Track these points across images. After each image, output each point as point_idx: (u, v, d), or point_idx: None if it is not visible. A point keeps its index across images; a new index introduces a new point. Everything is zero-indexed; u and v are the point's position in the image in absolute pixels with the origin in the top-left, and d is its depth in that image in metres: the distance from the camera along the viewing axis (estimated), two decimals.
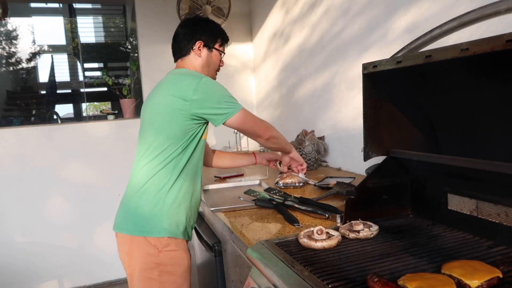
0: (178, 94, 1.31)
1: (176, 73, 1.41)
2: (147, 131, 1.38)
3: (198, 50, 1.46)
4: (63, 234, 2.95)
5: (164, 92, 1.35)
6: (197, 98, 1.30)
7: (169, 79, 1.39)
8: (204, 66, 1.48)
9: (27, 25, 8.53)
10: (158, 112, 1.35)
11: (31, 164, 2.86)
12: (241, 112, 1.35)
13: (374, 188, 1.19)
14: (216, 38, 1.49)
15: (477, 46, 0.80)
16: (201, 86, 1.30)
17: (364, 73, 1.15)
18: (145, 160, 1.37)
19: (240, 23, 3.33)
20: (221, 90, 1.36)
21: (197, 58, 1.47)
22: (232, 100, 1.36)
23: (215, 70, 1.53)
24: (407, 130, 1.22)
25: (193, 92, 1.29)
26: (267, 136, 1.44)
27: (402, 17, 1.62)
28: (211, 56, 1.49)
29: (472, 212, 1.01)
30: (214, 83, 1.36)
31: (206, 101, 1.31)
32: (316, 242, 0.98)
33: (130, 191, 1.39)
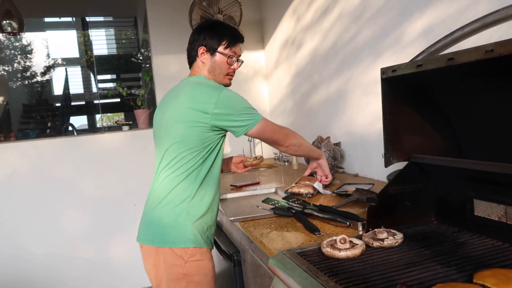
0: (199, 108, 1.30)
1: (192, 82, 1.40)
2: (166, 142, 1.38)
3: (202, 55, 1.44)
4: (80, 246, 2.97)
5: (183, 105, 1.34)
6: (218, 112, 1.30)
7: (187, 90, 1.37)
8: (210, 71, 1.45)
9: (41, 39, 8.72)
10: (178, 124, 1.34)
11: (48, 176, 2.89)
12: (261, 122, 1.36)
13: (396, 195, 1.16)
14: (219, 41, 1.43)
15: (503, 47, 0.77)
16: (222, 99, 1.30)
17: (382, 77, 1.14)
18: (166, 172, 1.37)
19: (252, 31, 3.34)
20: (241, 102, 1.35)
21: (203, 64, 1.45)
22: (252, 112, 1.36)
23: (223, 75, 1.47)
24: (428, 134, 1.20)
25: (214, 106, 1.29)
26: (287, 144, 1.43)
27: (417, 20, 1.59)
28: (215, 60, 1.44)
29: (501, 218, 0.98)
30: (234, 96, 1.35)
31: (227, 114, 1.31)
32: (340, 251, 0.96)
33: (153, 203, 1.39)
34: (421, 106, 1.18)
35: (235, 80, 3.44)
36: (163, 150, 1.39)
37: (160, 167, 1.40)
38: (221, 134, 1.38)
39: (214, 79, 1.45)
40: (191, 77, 1.46)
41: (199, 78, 1.43)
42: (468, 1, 1.36)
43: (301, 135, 1.51)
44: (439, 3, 1.49)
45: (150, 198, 1.41)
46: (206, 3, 2.85)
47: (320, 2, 2.36)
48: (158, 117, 1.46)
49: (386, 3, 1.78)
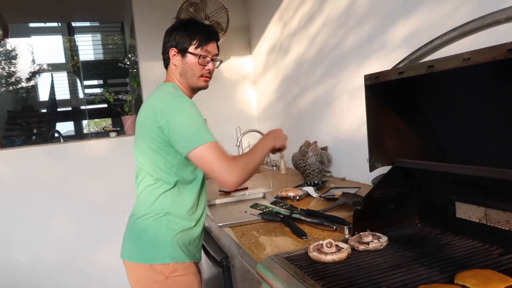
0: (152, 120, 1.24)
1: (157, 90, 1.33)
2: (141, 153, 1.32)
3: (173, 58, 1.35)
4: (69, 254, 2.94)
5: (146, 118, 1.28)
6: (162, 126, 1.21)
7: (150, 99, 1.32)
8: (182, 74, 1.35)
9: (26, 45, 8.62)
10: (147, 137, 1.28)
11: (34, 184, 2.86)
12: (202, 147, 1.17)
13: (381, 198, 1.19)
14: (190, 40, 1.32)
15: (479, 55, 0.80)
16: (167, 111, 1.21)
17: (366, 84, 1.16)
18: (144, 184, 1.33)
19: (239, 37, 3.36)
20: (187, 117, 1.20)
21: (175, 67, 1.36)
22: (199, 132, 1.19)
23: (196, 77, 1.35)
24: (412, 139, 1.23)
25: (160, 118, 1.21)
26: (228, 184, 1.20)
27: (400, 27, 1.63)
28: (186, 62, 1.33)
29: (481, 219, 1.01)
30: (181, 108, 1.21)
31: (170, 128, 1.20)
32: (326, 255, 0.97)
33: (133, 216, 1.37)
34: (404, 111, 1.21)
35: (223, 86, 3.43)
36: (139, 160, 1.34)
37: (138, 179, 1.36)
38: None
39: (187, 82, 1.36)
40: (163, 84, 1.37)
41: (166, 86, 1.32)
42: (448, 9, 1.41)
43: (289, 139, 1.44)
44: (421, 10, 1.53)
45: (132, 211, 1.39)
46: (193, 9, 2.87)
47: (306, 8, 2.39)
48: (136, 125, 1.40)
49: (370, 10, 1.82)
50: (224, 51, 3.26)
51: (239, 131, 3.17)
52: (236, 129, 3.21)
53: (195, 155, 1.18)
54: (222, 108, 3.33)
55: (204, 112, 3.50)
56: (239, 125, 3.26)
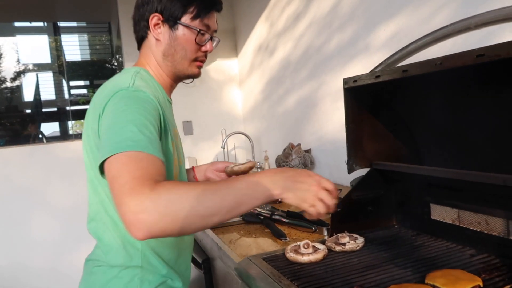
0: (92, 126, 0.88)
1: (116, 76, 0.96)
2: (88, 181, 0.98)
3: (155, 28, 0.95)
4: (50, 257, 2.90)
5: (88, 121, 0.92)
6: (97, 130, 0.86)
7: (96, 94, 0.93)
8: (167, 54, 0.96)
9: (11, 44, 8.48)
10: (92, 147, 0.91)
11: (15, 185, 2.81)
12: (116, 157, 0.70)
13: (359, 200, 1.20)
14: (185, 6, 0.94)
15: (450, 61, 0.83)
16: (109, 104, 0.82)
17: (345, 87, 1.18)
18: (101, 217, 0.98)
19: (225, 40, 3.36)
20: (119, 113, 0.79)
21: (157, 44, 0.97)
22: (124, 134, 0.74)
23: (188, 60, 0.98)
24: (390, 142, 1.25)
25: (101, 116, 0.84)
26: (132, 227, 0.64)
27: (381, 32, 1.66)
28: (176, 36, 0.95)
29: (454, 221, 1.03)
30: (121, 102, 0.81)
31: (101, 126, 0.83)
32: (303, 256, 0.98)
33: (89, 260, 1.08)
34: (383, 115, 1.23)
35: (209, 88, 3.41)
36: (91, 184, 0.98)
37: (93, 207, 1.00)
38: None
39: (173, 67, 0.98)
40: (129, 68, 0.99)
41: (125, 72, 0.94)
42: (426, 14, 1.44)
43: (274, 141, 1.40)
44: (401, 16, 1.56)
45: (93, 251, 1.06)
46: None
47: (292, 8, 2.41)
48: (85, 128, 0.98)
49: (353, 12, 1.85)
50: (210, 54, 3.25)
51: (224, 133, 3.17)
52: (221, 131, 3.21)
53: (105, 168, 0.73)
54: (208, 110, 3.33)
55: (189, 114, 3.47)
56: (224, 127, 3.26)
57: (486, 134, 0.99)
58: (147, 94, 0.85)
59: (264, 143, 2.99)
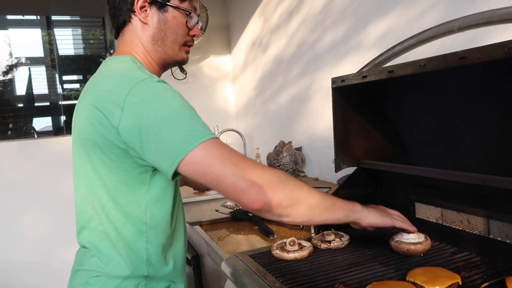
0: (102, 120, 0.78)
1: (104, 69, 0.89)
2: (82, 182, 0.91)
3: (142, 10, 0.89)
4: (40, 252, 2.89)
5: (88, 116, 0.82)
6: (124, 128, 0.75)
7: (92, 85, 0.87)
8: (157, 39, 0.91)
9: (4, 37, 8.41)
10: (90, 153, 0.84)
11: (5, 180, 2.80)
12: (201, 147, 0.71)
13: (346, 199, 1.21)
14: None
15: (434, 62, 0.84)
16: (129, 103, 0.75)
17: (333, 87, 1.19)
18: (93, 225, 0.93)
19: (218, 36, 3.36)
20: (168, 107, 0.74)
21: (144, 27, 0.91)
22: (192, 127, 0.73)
23: (178, 43, 0.93)
24: (377, 141, 1.26)
25: (118, 114, 0.75)
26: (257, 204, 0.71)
27: (373, 30, 1.68)
28: (166, 19, 0.90)
29: (438, 220, 1.05)
30: (157, 95, 0.76)
31: (141, 131, 0.74)
32: (288, 253, 1.00)
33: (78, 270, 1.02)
34: (370, 114, 1.25)
35: (201, 84, 3.41)
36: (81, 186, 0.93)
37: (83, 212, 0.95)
38: (148, 171, 0.83)
39: (163, 53, 0.93)
40: (112, 58, 0.91)
41: (120, 62, 0.88)
42: (416, 13, 1.45)
43: (266, 138, 1.40)
44: (392, 15, 1.57)
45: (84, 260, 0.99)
46: None
47: (286, 5, 2.41)
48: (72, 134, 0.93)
49: (344, 11, 1.86)
50: (204, 50, 3.27)
51: (217, 129, 3.18)
52: (214, 127, 3.22)
53: (188, 163, 0.71)
54: (200, 107, 3.30)
55: None
56: (217, 123, 3.26)
57: (469, 134, 1.01)
58: (166, 82, 0.81)
59: (256, 140, 3.01)
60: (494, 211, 0.89)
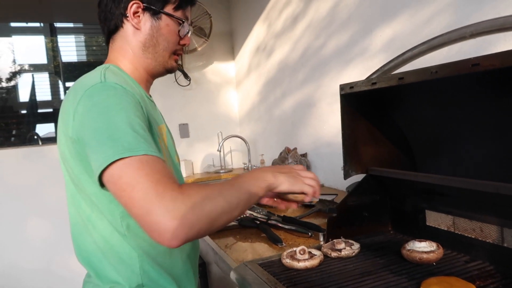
0: (65, 131, 0.80)
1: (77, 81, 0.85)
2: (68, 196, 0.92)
3: (134, 17, 0.90)
4: (44, 258, 2.88)
5: (60, 127, 0.83)
6: (75, 136, 0.76)
7: (66, 97, 0.85)
8: (148, 45, 0.91)
9: (7, 44, 8.45)
10: (67, 160, 0.83)
11: (10, 187, 2.80)
12: (124, 162, 0.67)
13: (355, 206, 1.21)
14: None
15: (445, 69, 0.83)
16: (79, 109, 0.75)
17: (341, 93, 1.18)
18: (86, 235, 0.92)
19: (222, 42, 3.37)
20: (104, 113, 0.72)
21: (135, 33, 0.91)
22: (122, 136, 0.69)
23: (168, 51, 0.94)
24: (385, 148, 1.25)
25: (72, 120, 0.76)
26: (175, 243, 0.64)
27: (378, 36, 1.67)
28: (159, 26, 0.91)
29: (449, 227, 1.04)
30: (100, 99, 0.74)
31: (82, 131, 0.74)
32: (299, 262, 0.99)
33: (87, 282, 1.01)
34: (379, 121, 1.24)
35: (205, 90, 3.41)
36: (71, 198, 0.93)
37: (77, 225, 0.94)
38: None
39: (153, 60, 0.93)
40: (100, 66, 0.91)
41: (94, 71, 0.86)
42: (421, 20, 1.45)
43: (270, 144, 1.41)
44: (396, 21, 1.57)
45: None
46: None
47: (290, 10, 2.41)
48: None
49: (350, 17, 1.86)
50: (207, 57, 3.27)
51: (221, 136, 3.17)
52: (217, 134, 3.21)
53: (109, 177, 0.68)
54: (204, 113, 3.33)
55: (185, 117, 3.48)
56: (220, 129, 3.26)
57: (481, 142, 1.00)
58: (124, 87, 0.77)
59: (260, 146, 3.00)
60: (508, 219, 0.87)
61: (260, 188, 0.78)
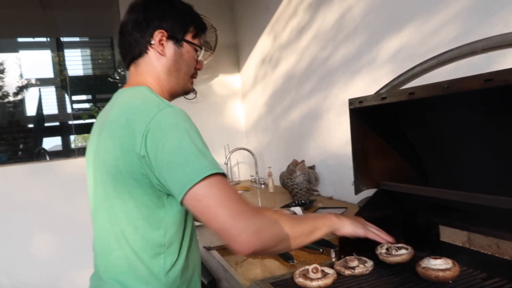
0: (126, 147, 0.84)
1: (123, 98, 0.95)
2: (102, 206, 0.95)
3: (159, 45, 0.98)
4: (51, 274, 2.87)
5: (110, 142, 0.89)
6: (147, 154, 0.81)
7: (113, 112, 0.92)
8: (172, 70, 1.00)
9: (14, 59, 8.57)
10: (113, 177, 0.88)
11: (17, 203, 2.80)
12: (205, 183, 0.77)
13: (367, 221, 1.19)
14: (187, 24, 1.00)
15: (457, 84, 0.82)
16: (154, 131, 0.81)
17: (350, 108, 1.18)
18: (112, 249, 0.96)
19: (227, 56, 3.38)
20: (184, 139, 0.81)
21: (160, 59, 0.99)
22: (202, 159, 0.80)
23: (188, 75, 1.03)
24: (396, 162, 1.24)
25: (142, 142, 0.81)
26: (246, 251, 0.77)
27: (386, 46, 1.67)
28: (181, 53, 1.00)
29: (464, 243, 1.02)
30: (176, 126, 0.83)
31: (158, 159, 0.80)
32: (312, 281, 0.97)
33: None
34: (389, 135, 1.23)
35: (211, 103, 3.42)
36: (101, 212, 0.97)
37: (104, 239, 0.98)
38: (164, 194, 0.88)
39: (176, 83, 1.02)
40: (130, 88, 0.97)
41: (139, 92, 0.94)
42: (428, 31, 1.44)
43: (277, 157, 1.41)
44: (403, 33, 1.56)
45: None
46: None
47: (296, 21, 2.42)
48: (87, 159, 1.02)
49: (356, 27, 1.85)
50: (212, 70, 3.28)
51: (227, 148, 3.17)
52: (224, 146, 3.21)
53: (194, 195, 0.77)
54: (210, 125, 3.33)
55: None
56: (227, 141, 3.26)
57: (494, 156, 0.99)
58: (186, 113, 0.88)
59: (267, 158, 2.99)
60: None
61: (324, 225, 0.93)
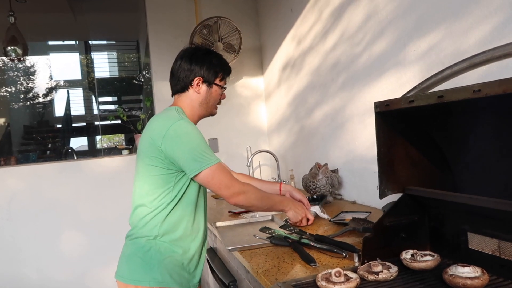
0: (154, 143, 1.33)
1: (161, 113, 1.42)
2: (140, 178, 1.41)
3: (197, 86, 1.43)
4: (77, 271, 2.95)
5: (147, 137, 1.38)
6: (164, 149, 1.31)
7: (153, 122, 1.40)
8: (203, 103, 1.46)
9: (44, 61, 8.86)
10: (147, 161, 1.36)
11: (47, 201, 2.89)
12: (208, 170, 1.32)
13: (391, 226, 1.17)
14: (217, 73, 1.46)
15: (489, 88, 0.80)
16: (170, 133, 1.30)
17: (376, 111, 1.16)
18: (139, 206, 1.40)
19: (251, 58, 3.40)
20: (191, 141, 1.32)
21: (196, 95, 1.45)
22: (203, 155, 1.32)
23: (215, 105, 1.51)
24: (423, 166, 1.21)
25: (162, 140, 1.31)
26: (232, 201, 1.39)
27: (411, 51, 1.64)
28: (211, 92, 1.46)
29: (494, 252, 0.99)
30: (185, 132, 1.32)
31: (174, 152, 1.30)
32: (335, 285, 0.96)
33: (128, 237, 1.43)
34: (415, 139, 1.21)
35: (235, 106, 3.46)
36: (136, 185, 1.43)
37: (134, 197, 1.44)
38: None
39: (205, 111, 1.48)
40: (169, 107, 1.46)
41: (170, 110, 1.42)
42: (457, 34, 1.41)
43: (299, 160, 1.50)
44: (430, 35, 1.53)
45: (128, 231, 1.45)
46: (206, 31, 2.92)
47: (320, 26, 2.41)
48: (138, 148, 1.47)
49: (382, 30, 1.83)
50: (236, 72, 3.31)
51: (250, 150, 3.18)
52: (246, 149, 3.22)
53: (202, 177, 1.33)
54: (233, 127, 3.36)
55: (214, 131, 3.53)
56: (249, 144, 3.27)
57: None
58: (192, 123, 1.39)
59: (290, 160, 2.98)
60: None
61: (281, 205, 1.59)
